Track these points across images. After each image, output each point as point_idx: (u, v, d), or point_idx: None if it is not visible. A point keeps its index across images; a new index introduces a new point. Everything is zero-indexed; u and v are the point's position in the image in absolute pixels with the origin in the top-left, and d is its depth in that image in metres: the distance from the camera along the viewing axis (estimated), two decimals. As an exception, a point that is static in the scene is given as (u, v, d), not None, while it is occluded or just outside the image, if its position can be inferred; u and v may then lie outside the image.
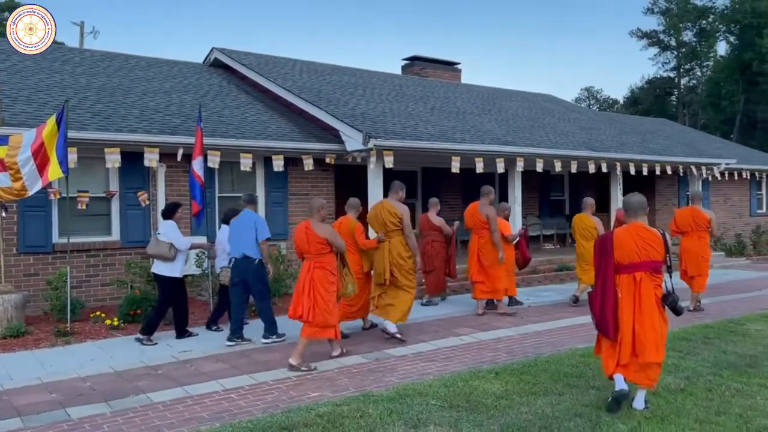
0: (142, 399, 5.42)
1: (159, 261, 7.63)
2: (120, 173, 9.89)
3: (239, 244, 7.38)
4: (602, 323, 4.97)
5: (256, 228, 7.34)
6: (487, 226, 8.92)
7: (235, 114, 11.93)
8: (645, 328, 4.83)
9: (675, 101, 51.80)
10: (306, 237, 6.43)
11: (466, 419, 4.76)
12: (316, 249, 6.41)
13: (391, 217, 7.66)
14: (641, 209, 5.03)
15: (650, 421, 4.68)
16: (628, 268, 4.91)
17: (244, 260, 7.34)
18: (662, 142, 17.86)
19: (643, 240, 4.88)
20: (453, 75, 20.62)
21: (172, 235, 7.58)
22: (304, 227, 6.49)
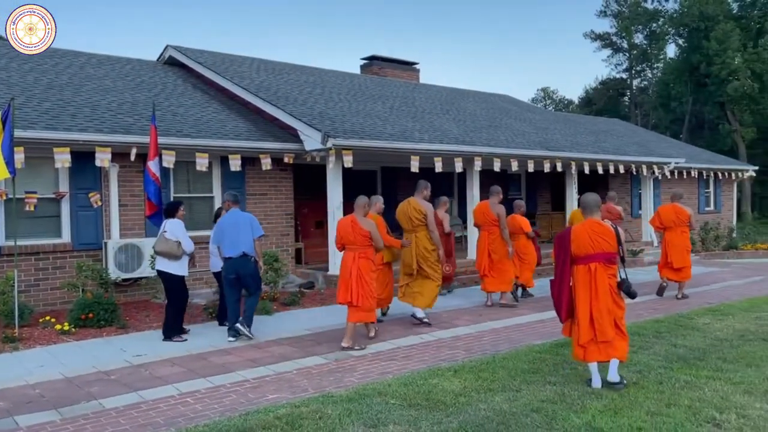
0: (94, 405, 5.27)
1: (165, 259, 7.63)
2: (70, 173, 9.60)
3: (237, 244, 7.53)
4: (557, 308, 5.65)
5: (253, 226, 7.59)
6: (497, 224, 9.47)
7: (190, 113, 11.71)
8: (601, 312, 5.39)
9: (627, 101, 53.24)
10: (352, 230, 7.18)
11: (425, 418, 4.78)
12: (361, 241, 7.18)
13: (416, 213, 8.38)
14: (596, 207, 5.60)
15: (603, 414, 4.79)
16: (584, 259, 5.45)
17: (242, 258, 7.53)
18: (615, 142, 18.32)
19: (596, 234, 5.42)
20: (411, 75, 20.72)
21: (180, 234, 7.66)
22: (350, 221, 7.26)
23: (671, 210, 10.38)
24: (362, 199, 7.41)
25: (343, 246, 7.33)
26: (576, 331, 5.50)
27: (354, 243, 7.19)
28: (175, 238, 7.62)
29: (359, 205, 7.37)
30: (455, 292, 11.04)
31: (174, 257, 7.60)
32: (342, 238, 7.30)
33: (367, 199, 7.45)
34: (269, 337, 7.70)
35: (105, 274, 9.13)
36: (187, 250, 7.70)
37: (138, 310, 9.44)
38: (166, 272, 7.67)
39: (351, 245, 7.21)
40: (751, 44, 35.96)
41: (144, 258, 9.74)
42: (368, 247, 7.22)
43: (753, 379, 5.64)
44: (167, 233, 7.64)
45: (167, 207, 8.02)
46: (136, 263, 9.74)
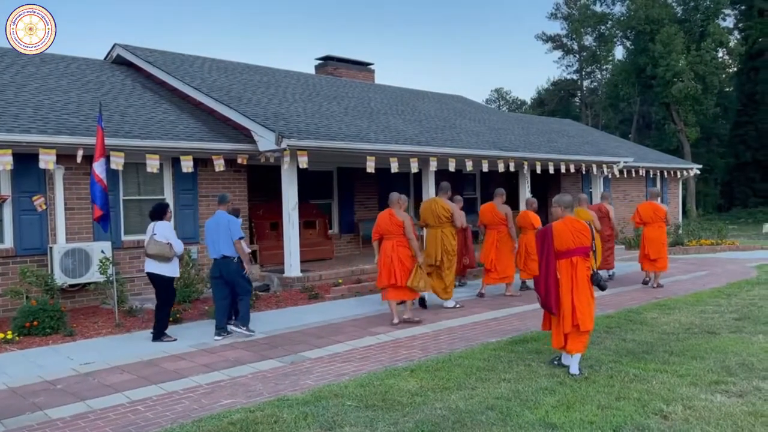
0: (40, 416, 5.08)
1: (155, 261, 7.66)
2: (13, 176, 9.23)
3: (217, 245, 7.80)
4: (547, 302, 5.94)
5: (230, 229, 7.71)
6: (505, 222, 10.42)
7: (140, 113, 11.42)
8: (582, 303, 5.85)
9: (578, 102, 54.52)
10: (390, 221, 8.33)
11: (382, 418, 4.78)
12: (397, 231, 8.31)
13: (444, 211, 9.34)
14: (570, 206, 6.16)
15: (557, 409, 4.88)
16: (566, 254, 5.91)
17: (223, 260, 7.78)
18: (566, 142, 18.72)
19: (576, 230, 5.94)
20: (366, 75, 20.71)
21: (170, 236, 7.72)
22: (388, 213, 8.41)
23: (649, 207, 11.44)
24: (395, 195, 8.55)
25: (381, 236, 8.44)
26: (559, 321, 5.90)
27: (391, 233, 8.33)
28: (166, 240, 7.66)
29: (393, 200, 8.50)
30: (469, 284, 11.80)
31: (166, 259, 7.67)
32: (380, 228, 8.42)
33: (399, 195, 8.54)
34: (223, 341, 7.58)
35: (50, 280, 8.82)
36: (177, 252, 7.77)
37: (86, 316, 9.16)
38: (158, 274, 7.70)
39: (388, 235, 8.36)
40: (695, 47, 37.28)
41: (92, 263, 9.45)
42: (403, 236, 8.32)
43: (698, 371, 5.84)
44: (157, 235, 7.66)
45: (154, 210, 7.98)
46: (84, 268, 9.44)
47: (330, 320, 8.74)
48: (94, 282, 9.59)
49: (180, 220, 11.00)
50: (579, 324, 5.81)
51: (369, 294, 10.99)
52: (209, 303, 9.69)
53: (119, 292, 8.99)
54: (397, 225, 8.32)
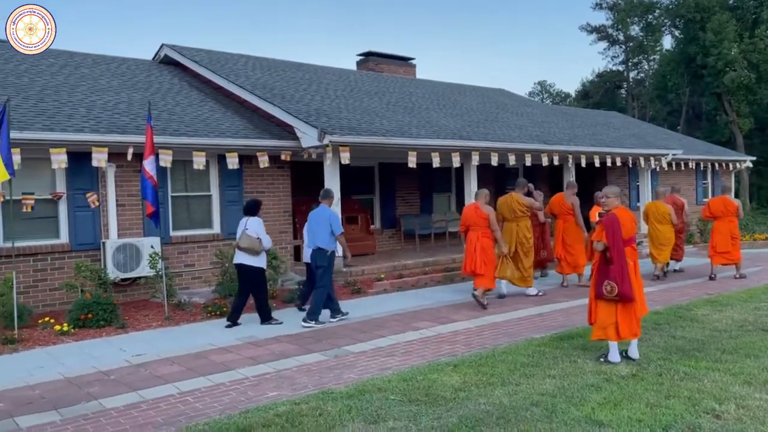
0: (94, 405, 5.27)
1: (245, 253, 8.20)
2: (67, 174, 9.58)
3: (315, 238, 8.34)
4: (624, 290, 5.89)
5: (331, 224, 8.24)
6: (572, 212, 10.88)
7: (187, 111, 11.69)
8: (640, 290, 6.13)
9: (624, 94, 53.20)
10: (475, 213, 9.07)
11: (425, 413, 4.79)
12: (482, 223, 9.02)
13: (520, 206, 9.90)
14: (620, 196, 6.38)
15: (603, 407, 4.80)
16: (628, 242, 6.09)
17: (318, 251, 8.32)
18: (612, 134, 18.31)
19: (631, 219, 6.23)
20: (408, 70, 20.68)
21: (260, 231, 8.27)
22: (473, 207, 9.17)
23: (720, 202, 11.76)
24: (483, 191, 9.40)
25: (467, 227, 9.19)
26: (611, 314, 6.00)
27: (476, 225, 9.05)
28: (256, 235, 8.22)
29: (480, 194, 9.30)
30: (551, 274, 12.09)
31: (255, 252, 8.21)
32: (467, 220, 9.18)
33: (486, 191, 9.38)
34: (268, 335, 7.71)
35: (103, 274, 9.12)
36: (266, 246, 8.31)
37: (137, 309, 9.44)
38: (247, 265, 8.24)
39: (474, 227, 9.09)
40: (747, 35, 35.86)
41: (142, 257, 9.74)
42: (488, 228, 9.02)
43: (752, 370, 5.66)
44: (249, 230, 8.23)
45: (248, 205, 8.58)
46: (135, 263, 9.73)
47: (373, 315, 8.79)
48: (144, 276, 9.88)
49: (226, 215, 11.23)
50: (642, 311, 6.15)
51: (411, 289, 11.02)
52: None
53: (168, 286, 9.24)
54: (482, 218, 9.03)
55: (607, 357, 6.06)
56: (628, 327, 6.02)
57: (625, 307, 6.01)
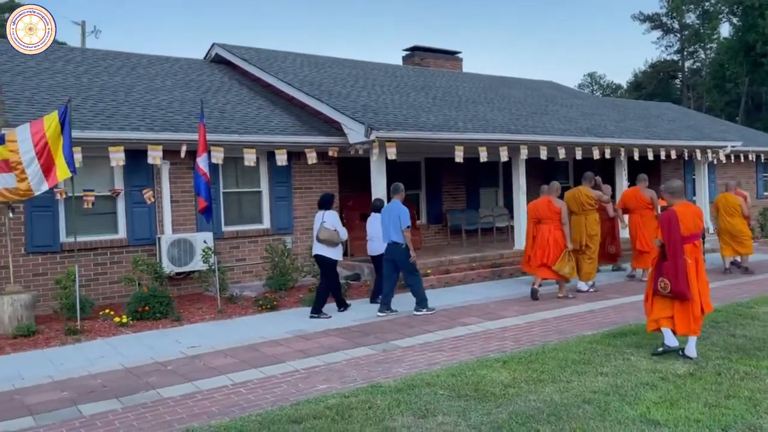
0: (153, 395, 5.46)
1: (324, 245, 8.58)
2: (124, 171, 9.92)
3: (388, 232, 8.60)
4: (678, 288, 5.82)
5: (399, 218, 8.44)
6: (650, 206, 10.83)
7: (237, 109, 11.93)
8: (704, 286, 6.01)
9: (679, 84, 51.49)
10: (548, 207, 9.30)
11: (475, 408, 4.78)
12: (555, 217, 9.25)
13: (588, 199, 9.95)
14: (682, 191, 6.26)
15: (659, 406, 4.69)
16: (689, 238, 5.96)
17: (392, 245, 8.59)
18: (667, 126, 17.76)
19: (695, 214, 6.05)
20: (454, 64, 20.54)
21: (337, 224, 8.66)
22: (546, 201, 9.37)
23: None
24: (556, 184, 9.57)
25: (538, 220, 9.41)
26: (668, 307, 5.95)
27: (548, 218, 9.27)
28: (333, 228, 8.58)
29: (552, 188, 9.49)
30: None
31: (333, 244, 8.57)
32: (538, 213, 9.40)
33: (557, 184, 9.59)
34: (317, 328, 7.81)
35: (159, 268, 9.41)
36: (342, 238, 8.64)
37: (191, 302, 9.71)
38: (325, 256, 8.63)
39: (546, 220, 9.31)
40: (812, 20, 34.20)
41: (196, 252, 10.00)
42: (559, 222, 9.23)
43: (818, 370, 5.42)
44: (326, 223, 8.60)
45: (322, 200, 8.92)
46: (189, 257, 10.01)
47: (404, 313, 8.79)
48: (198, 270, 10.15)
49: (275, 211, 11.42)
50: (703, 307, 5.96)
51: (458, 284, 10.98)
52: (304, 291, 10.04)
53: (220, 280, 9.47)
54: (555, 211, 9.25)
55: (665, 343, 6.05)
56: (685, 324, 5.92)
57: (683, 304, 5.91)
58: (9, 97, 9.57)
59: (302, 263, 11.02)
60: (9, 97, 9.57)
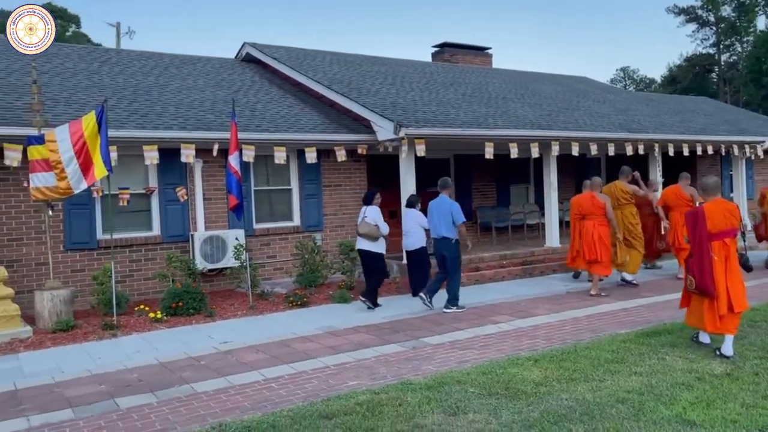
0: (187, 389, 5.56)
1: (364, 239, 8.87)
2: (158, 170, 10.10)
3: (438, 227, 8.65)
4: (703, 284, 5.91)
5: (452, 214, 8.54)
6: (690, 203, 10.58)
7: (267, 108, 12.04)
8: (735, 284, 5.91)
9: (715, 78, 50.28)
10: (591, 203, 9.36)
11: (506, 406, 4.75)
12: (599, 212, 9.29)
13: (623, 194, 10.11)
14: (717, 188, 6.25)
15: (695, 406, 4.60)
16: (718, 235, 5.93)
17: (442, 240, 8.63)
18: (702, 121, 17.38)
19: (727, 211, 6.01)
20: (484, 60, 20.39)
21: (378, 219, 8.86)
22: (590, 196, 9.42)
23: None
24: (598, 179, 9.68)
25: (582, 216, 9.46)
26: (713, 303, 5.90)
27: (593, 213, 9.32)
28: (374, 222, 8.78)
29: (595, 184, 9.57)
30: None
31: (374, 238, 8.80)
32: (582, 209, 9.48)
33: (599, 179, 9.69)
34: (347, 325, 7.86)
35: (192, 265, 9.57)
36: (383, 232, 8.84)
37: (223, 298, 9.85)
38: (368, 250, 8.88)
39: (590, 216, 9.35)
40: None
41: (228, 249, 10.14)
42: (603, 217, 9.27)
43: None
44: (367, 218, 8.84)
45: (366, 196, 9.25)
46: (221, 254, 10.15)
47: (437, 309, 8.78)
48: (230, 267, 10.29)
49: (305, 209, 11.50)
50: (733, 305, 5.85)
51: (488, 282, 10.91)
52: (333, 288, 10.10)
53: (252, 276, 9.59)
54: (599, 207, 9.31)
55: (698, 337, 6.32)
56: (711, 321, 5.94)
57: (710, 302, 5.93)
58: (48, 98, 9.82)
59: (332, 260, 11.09)
60: (48, 98, 9.82)
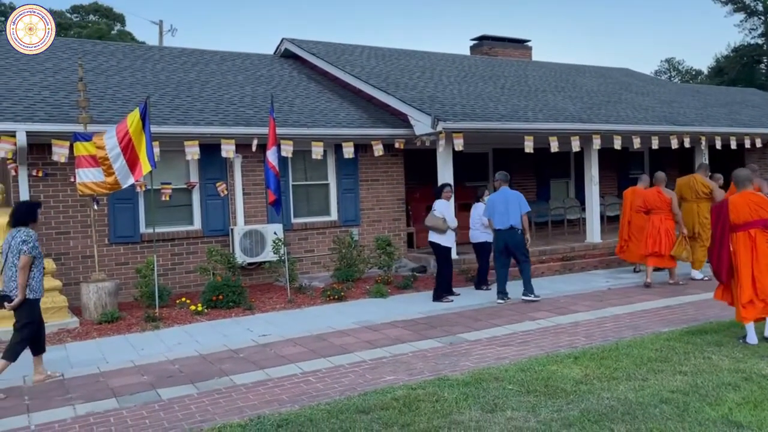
0: (226, 381, 5.65)
1: (432, 232, 9.00)
2: (199, 165, 10.27)
3: (506, 217, 8.73)
4: (718, 269, 6.33)
5: (520, 203, 8.73)
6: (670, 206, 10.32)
7: (305, 103, 12.12)
8: (762, 273, 6.06)
9: (764, 69, 48.48)
10: (658, 197, 9.61)
11: (545, 404, 4.68)
12: (665, 206, 9.53)
13: (703, 188, 10.11)
14: (749, 180, 6.38)
15: (742, 407, 4.45)
16: (743, 226, 6.16)
17: (510, 231, 8.72)
18: (751, 113, 16.79)
19: (754, 203, 6.16)
20: (523, 53, 20.10)
21: (445, 212, 8.98)
22: (656, 191, 9.69)
23: None
24: (661, 174, 9.86)
25: (648, 210, 9.69)
26: (738, 292, 6.16)
27: (659, 208, 9.56)
28: (441, 215, 8.89)
29: (660, 178, 9.79)
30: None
31: (440, 231, 8.89)
32: (648, 204, 9.70)
33: (663, 174, 9.88)
34: (384, 320, 7.86)
35: (232, 259, 9.71)
36: (451, 226, 8.94)
37: (262, 292, 9.97)
38: (435, 243, 9.00)
39: (656, 210, 9.59)
40: None
41: (266, 243, 10.25)
42: (669, 211, 9.53)
43: None
44: (435, 211, 8.98)
45: (436, 189, 9.50)
46: (260, 248, 10.27)
47: (487, 303, 8.71)
48: (268, 261, 10.41)
49: (342, 203, 11.55)
50: (758, 293, 6.04)
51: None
52: (370, 282, 10.13)
53: (290, 270, 9.68)
54: (665, 201, 9.53)
55: (745, 339, 6.20)
56: (738, 311, 6.22)
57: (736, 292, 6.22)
58: (93, 95, 10.08)
59: (368, 255, 11.11)
60: (93, 95, 10.08)
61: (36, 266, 5.74)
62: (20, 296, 5.60)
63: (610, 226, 15.04)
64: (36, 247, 5.71)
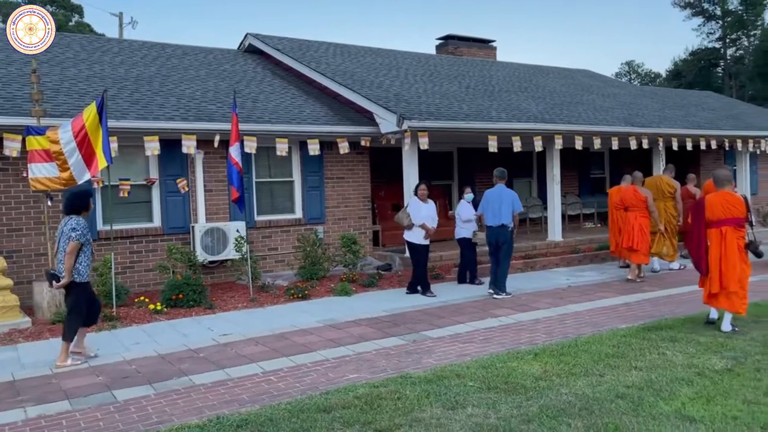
0: (185, 381, 5.54)
1: (406, 230, 9.26)
2: (159, 161, 10.06)
3: (498, 215, 8.96)
4: (699, 263, 6.83)
5: (513, 202, 8.93)
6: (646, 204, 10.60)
7: (270, 99, 11.99)
8: (728, 267, 6.52)
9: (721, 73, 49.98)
10: (634, 195, 9.97)
11: (505, 401, 4.72)
12: (641, 205, 9.91)
13: (668, 187, 10.80)
14: (728, 181, 6.80)
15: (695, 402, 4.57)
16: (716, 223, 6.62)
17: (501, 228, 8.96)
18: (707, 116, 17.27)
19: (728, 203, 6.59)
20: (488, 53, 20.29)
21: (412, 209, 9.23)
22: (633, 189, 10.03)
23: None
24: (638, 174, 10.21)
25: (625, 207, 10.08)
26: (708, 283, 6.70)
27: (635, 206, 9.92)
28: (408, 213, 9.19)
29: (636, 178, 10.18)
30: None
31: (405, 227, 9.21)
32: (625, 202, 10.10)
33: (640, 174, 10.22)
34: (348, 318, 7.83)
35: (193, 257, 9.54)
36: (415, 223, 9.13)
37: (224, 291, 9.83)
38: (407, 240, 9.35)
39: (632, 207, 9.95)
40: None
41: (229, 241, 10.11)
42: (645, 209, 9.91)
43: None
44: (408, 207, 9.30)
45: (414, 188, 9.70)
46: (222, 246, 10.13)
47: (450, 300, 8.76)
48: (231, 259, 10.27)
49: (307, 201, 11.46)
50: (725, 286, 6.50)
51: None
52: (335, 281, 10.08)
53: (253, 269, 9.56)
54: (641, 199, 9.94)
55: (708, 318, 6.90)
56: (705, 294, 6.81)
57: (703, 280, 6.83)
58: (48, 87, 9.79)
59: (334, 253, 11.05)
60: (48, 87, 9.79)
61: (84, 252, 6.21)
62: (66, 278, 6.09)
63: (571, 224, 15.30)
64: (84, 235, 6.18)
